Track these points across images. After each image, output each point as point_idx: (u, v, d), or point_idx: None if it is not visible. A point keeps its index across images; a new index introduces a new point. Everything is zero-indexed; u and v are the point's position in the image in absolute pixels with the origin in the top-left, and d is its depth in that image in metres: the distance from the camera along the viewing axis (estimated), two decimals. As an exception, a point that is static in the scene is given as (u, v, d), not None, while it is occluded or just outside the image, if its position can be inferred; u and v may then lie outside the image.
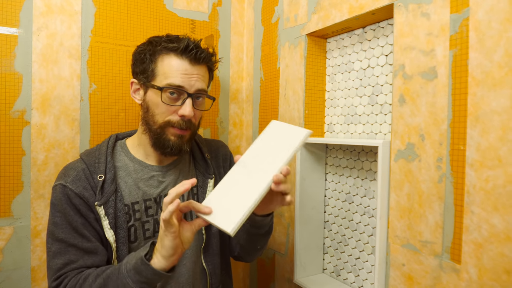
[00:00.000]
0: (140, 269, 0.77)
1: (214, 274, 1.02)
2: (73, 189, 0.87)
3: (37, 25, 1.15)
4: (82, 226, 0.87)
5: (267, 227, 0.96)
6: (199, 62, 0.93)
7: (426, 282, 0.82)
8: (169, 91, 0.90)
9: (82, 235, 0.87)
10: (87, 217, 0.88)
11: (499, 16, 0.69)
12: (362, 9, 0.97)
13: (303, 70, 1.18)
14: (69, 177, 0.89)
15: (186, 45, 0.91)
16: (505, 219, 0.68)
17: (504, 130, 0.68)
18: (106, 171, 0.91)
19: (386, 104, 1.02)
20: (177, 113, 0.91)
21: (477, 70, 0.72)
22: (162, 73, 0.91)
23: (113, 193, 0.90)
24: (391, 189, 0.90)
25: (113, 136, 1.01)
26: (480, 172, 0.72)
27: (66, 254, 0.85)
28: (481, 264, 0.72)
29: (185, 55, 0.91)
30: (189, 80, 0.91)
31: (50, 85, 1.17)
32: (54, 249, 0.86)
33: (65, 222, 0.86)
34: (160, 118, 0.92)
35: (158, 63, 0.92)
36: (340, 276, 1.17)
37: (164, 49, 0.92)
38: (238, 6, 1.51)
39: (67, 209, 0.87)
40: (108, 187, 0.90)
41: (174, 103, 0.91)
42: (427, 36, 0.82)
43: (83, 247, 0.86)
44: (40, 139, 1.17)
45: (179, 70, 0.91)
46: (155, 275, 0.76)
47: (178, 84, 0.90)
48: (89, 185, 0.89)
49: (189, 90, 0.91)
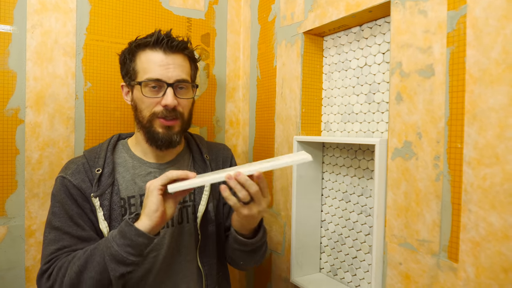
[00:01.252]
0: (124, 231, 0.79)
1: (210, 275, 1.01)
2: (72, 180, 0.92)
3: (32, 22, 1.14)
4: (77, 215, 0.90)
5: (251, 247, 0.96)
6: (173, 50, 0.95)
7: (423, 281, 0.82)
8: (149, 85, 0.93)
9: (77, 224, 0.90)
10: (83, 208, 0.91)
11: (497, 13, 0.68)
12: (359, 6, 0.96)
13: (300, 68, 1.18)
14: (69, 170, 0.94)
15: (157, 36, 0.94)
16: (502, 217, 0.67)
17: (502, 127, 0.67)
18: (104, 165, 0.95)
19: (383, 102, 1.01)
20: (160, 104, 0.94)
21: (475, 68, 0.72)
22: (141, 69, 0.95)
23: (110, 186, 0.93)
24: (388, 188, 0.90)
25: (116, 135, 1.05)
26: (477, 170, 0.71)
27: (61, 241, 0.88)
28: (478, 263, 0.71)
29: (158, 47, 0.94)
30: (166, 71, 0.93)
31: (45, 83, 1.16)
32: (50, 237, 0.89)
33: (63, 211, 0.90)
34: (147, 112, 0.95)
35: (136, 61, 0.96)
36: (337, 275, 1.17)
37: (139, 46, 0.96)
38: (235, 4, 1.50)
39: (65, 199, 0.91)
40: (105, 180, 0.93)
41: (156, 95, 0.94)
42: (424, 34, 0.81)
43: (77, 235, 0.89)
44: (34, 137, 1.15)
45: (155, 62, 0.93)
46: (138, 235, 0.78)
47: (156, 77, 0.92)
48: (87, 178, 0.93)
49: (168, 81, 0.93)
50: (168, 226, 0.98)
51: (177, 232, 0.99)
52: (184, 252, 0.99)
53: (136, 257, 0.80)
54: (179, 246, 1.00)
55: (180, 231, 1.00)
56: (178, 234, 1.00)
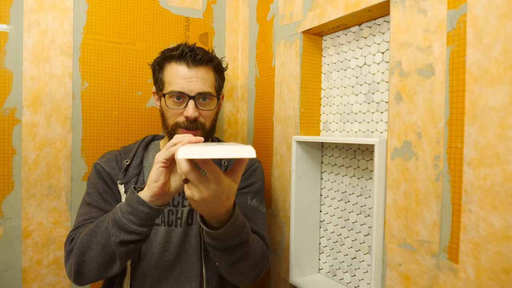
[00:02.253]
0: (128, 198, 0.81)
1: (212, 280, 1.01)
2: (104, 167, 1.02)
3: (28, 21, 1.13)
4: (106, 193, 1.00)
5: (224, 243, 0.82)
6: (196, 64, 0.99)
7: (423, 282, 0.81)
8: (173, 97, 0.99)
9: (105, 200, 0.99)
10: (111, 188, 1.01)
11: (497, 11, 0.68)
12: (358, 5, 0.96)
13: (299, 68, 1.17)
14: (104, 159, 1.05)
15: (181, 50, 0.99)
16: (503, 217, 0.67)
17: (502, 127, 0.67)
18: (133, 158, 1.04)
19: (382, 102, 1.01)
20: (183, 115, 0.99)
21: (475, 67, 0.71)
22: (167, 81, 1.01)
23: (135, 176, 1.01)
24: (387, 188, 0.89)
25: (151, 136, 1.14)
26: (478, 170, 0.71)
27: (90, 213, 0.97)
28: (479, 264, 0.71)
29: (182, 60, 0.99)
30: (189, 84, 0.98)
31: (42, 83, 1.15)
32: (82, 211, 0.98)
33: (95, 190, 1.00)
34: (171, 121, 1.01)
35: (164, 72, 1.02)
36: (336, 276, 1.16)
37: (166, 58, 1.02)
38: (233, 3, 1.50)
39: (97, 180, 1.01)
40: (132, 170, 1.02)
41: (179, 106, 0.99)
42: (424, 33, 0.81)
43: (104, 208, 0.97)
44: (31, 137, 1.15)
45: (178, 75, 0.99)
46: (139, 203, 0.79)
47: (178, 90, 0.98)
48: (117, 166, 1.04)
49: (190, 93, 0.98)
50: (176, 226, 1.02)
51: (186, 233, 1.02)
52: (191, 253, 1.02)
53: (137, 226, 0.79)
54: (187, 247, 1.02)
55: (189, 232, 1.03)
56: (187, 235, 1.02)
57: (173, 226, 1.02)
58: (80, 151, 1.22)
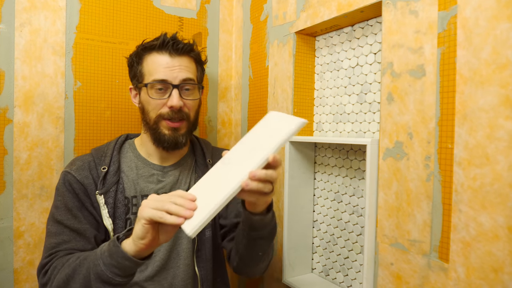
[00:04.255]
0: (112, 251, 0.74)
1: (206, 280, 1.01)
2: (75, 176, 0.94)
3: (20, 20, 1.13)
4: (76, 208, 0.92)
5: (269, 227, 0.88)
6: (179, 53, 0.97)
7: (414, 281, 0.82)
8: (155, 86, 0.95)
9: (75, 216, 0.91)
10: (83, 201, 0.93)
11: (487, 13, 0.68)
12: (350, 6, 0.96)
13: (292, 68, 1.17)
14: (75, 166, 0.96)
15: (163, 39, 0.97)
16: (492, 217, 0.68)
17: (492, 128, 0.68)
18: (110, 164, 0.97)
19: (374, 102, 1.01)
20: (166, 105, 0.95)
21: (465, 68, 0.72)
22: (148, 72, 0.97)
23: (115, 184, 0.95)
24: (379, 188, 0.90)
25: (124, 135, 1.07)
26: (468, 170, 0.71)
27: (61, 234, 0.90)
28: (469, 263, 0.71)
29: (164, 49, 0.97)
30: (172, 72, 0.95)
31: (34, 82, 1.15)
32: (52, 230, 0.91)
33: (63, 205, 0.92)
34: (153, 114, 0.96)
35: (143, 64, 0.98)
36: (329, 275, 1.16)
37: (145, 49, 0.99)
38: (227, 3, 1.50)
39: (66, 193, 0.93)
40: (110, 178, 0.95)
41: (162, 96, 0.95)
42: (415, 34, 0.81)
43: (75, 228, 0.90)
44: (23, 137, 1.14)
45: (161, 64, 0.95)
46: (125, 259, 0.72)
47: (161, 78, 0.94)
48: (90, 175, 0.95)
49: (173, 82, 0.95)
50: None
51: (176, 235, 1.00)
52: (183, 255, 1.00)
53: (122, 278, 0.75)
54: (178, 250, 1.00)
55: (179, 235, 1.01)
56: (178, 238, 1.01)
57: None
58: (73, 151, 1.21)
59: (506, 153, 0.66)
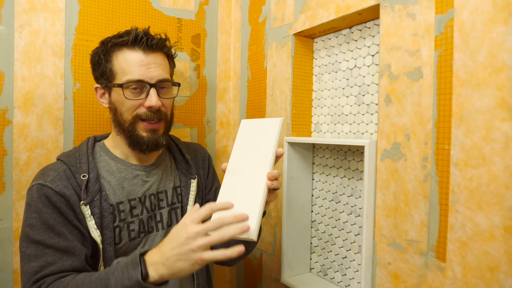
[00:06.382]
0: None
1: (201, 274, 1.02)
2: (53, 187, 0.84)
3: (20, 22, 1.13)
4: (59, 224, 0.83)
5: None
6: (153, 49, 0.91)
7: (412, 281, 0.83)
8: (131, 86, 0.89)
9: (59, 234, 0.82)
10: (67, 215, 0.84)
11: (483, 17, 0.69)
12: (348, 9, 0.97)
13: (290, 69, 1.18)
14: (49, 177, 0.86)
15: (135, 35, 0.89)
16: (488, 217, 0.69)
17: (488, 129, 0.69)
18: (89, 171, 0.89)
19: (372, 104, 1.02)
20: (143, 105, 0.90)
21: (462, 70, 0.73)
22: (120, 70, 0.90)
23: (98, 193, 0.88)
24: (377, 189, 0.91)
25: (92, 138, 0.99)
26: (464, 171, 0.73)
27: (43, 256, 0.80)
28: (465, 262, 0.73)
29: (137, 46, 0.90)
30: (148, 71, 0.89)
31: (33, 84, 1.15)
32: (29, 252, 0.81)
33: (41, 222, 0.82)
34: (129, 115, 0.90)
35: (113, 61, 0.91)
36: (327, 275, 1.17)
37: (115, 45, 0.91)
38: (225, 5, 1.50)
39: (43, 209, 0.83)
40: (92, 186, 0.88)
41: (138, 96, 0.90)
42: (412, 37, 0.82)
43: (60, 247, 0.81)
44: (22, 138, 1.14)
45: (135, 62, 0.89)
46: None
47: (137, 78, 0.88)
48: (70, 185, 0.86)
49: (150, 81, 0.89)
50: (158, 230, 0.97)
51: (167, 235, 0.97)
52: None
53: None
54: None
55: None
56: None
57: (154, 232, 0.96)
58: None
59: (502, 154, 0.67)
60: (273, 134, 0.81)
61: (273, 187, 0.76)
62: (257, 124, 0.86)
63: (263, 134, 0.82)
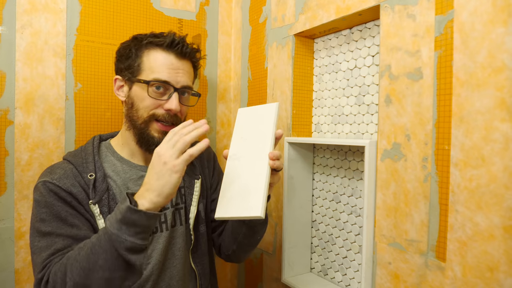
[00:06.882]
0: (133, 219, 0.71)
1: (203, 274, 1.02)
2: (60, 185, 0.84)
3: (21, 22, 1.13)
4: (71, 216, 0.83)
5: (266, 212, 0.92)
6: (185, 57, 0.95)
7: (412, 280, 0.83)
8: (155, 85, 0.91)
9: (72, 225, 0.82)
10: (77, 209, 0.85)
11: (483, 18, 0.70)
12: (349, 10, 0.97)
13: (291, 70, 1.19)
14: (56, 175, 0.86)
15: (172, 39, 0.93)
16: (488, 217, 0.69)
17: (488, 130, 0.69)
18: (96, 170, 0.90)
19: (372, 104, 1.03)
20: (162, 107, 0.92)
21: (461, 71, 0.73)
22: (149, 68, 0.92)
23: (106, 192, 0.89)
24: (377, 189, 0.91)
25: (97, 137, 1.00)
26: (464, 171, 0.73)
27: (53, 245, 0.80)
28: (465, 262, 0.73)
29: (171, 50, 0.93)
30: (176, 75, 0.92)
31: (35, 84, 1.15)
32: (41, 245, 0.81)
33: (52, 216, 0.82)
34: (145, 112, 0.92)
35: (144, 58, 0.93)
36: (327, 275, 1.18)
37: (150, 43, 0.93)
38: (226, 5, 1.51)
39: (53, 202, 0.83)
40: (100, 185, 0.88)
41: (160, 97, 0.92)
42: (412, 37, 0.83)
43: (72, 235, 0.81)
44: (24, 139, 1.15)
45: (165, 64, 0.92)
46: (150, 219, 0.73)
47: (164, 79, 0.91)
48: (77, 183, 0.86)
49: (176, 85, 0.92)
50: (162, 231, 0.96)
51: (170, 235, 0.98)
52: (178, 255, 0.99)
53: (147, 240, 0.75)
54: (173, 249, 0.98)
55: (173, 234, 0.99)
56: (172, 237, 0.98)
57: (158, 232, 0.96)
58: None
59: (502, 154, 0.67)
60: (271, 117, 0.84)
61: (275, 166, 0.79)
62: (254, 110, 0.89)
63: (261, 119, 0.85)
